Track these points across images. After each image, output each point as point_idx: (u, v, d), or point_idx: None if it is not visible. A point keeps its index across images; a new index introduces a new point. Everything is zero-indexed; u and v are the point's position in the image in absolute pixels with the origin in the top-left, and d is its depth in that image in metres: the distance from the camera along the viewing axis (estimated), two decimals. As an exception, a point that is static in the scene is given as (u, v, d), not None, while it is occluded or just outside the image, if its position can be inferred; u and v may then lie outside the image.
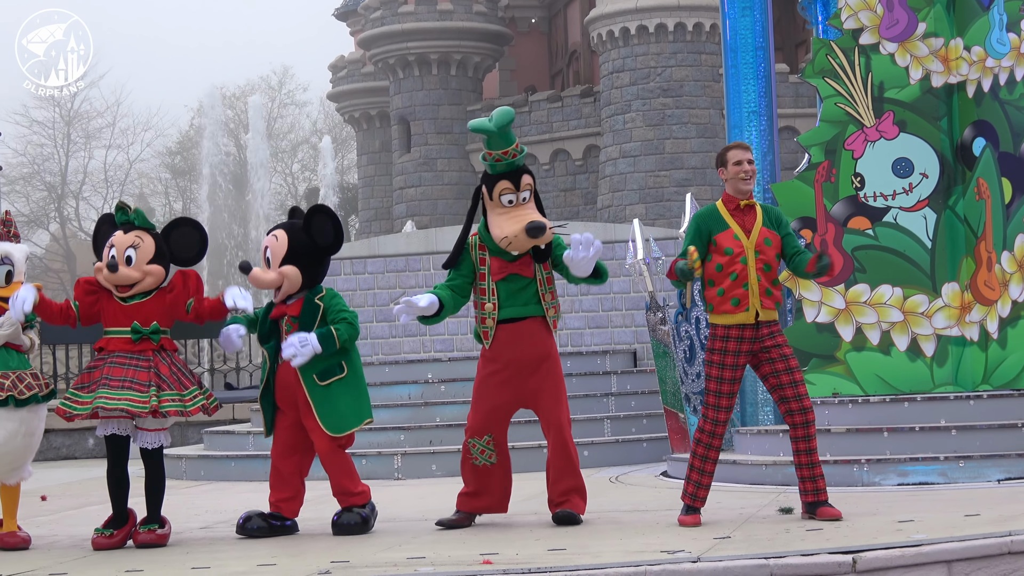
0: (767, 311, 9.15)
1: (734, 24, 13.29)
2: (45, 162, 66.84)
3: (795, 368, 9.20)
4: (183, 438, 19.96)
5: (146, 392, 9.13)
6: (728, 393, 9.20)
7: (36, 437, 9.54)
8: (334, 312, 9.45)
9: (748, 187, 9.22)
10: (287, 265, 9.44)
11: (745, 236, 9.14)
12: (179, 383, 9.29)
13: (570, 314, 18.22)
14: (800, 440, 9.21)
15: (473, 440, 9.55)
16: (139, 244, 9.35)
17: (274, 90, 70.58)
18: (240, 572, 7.98)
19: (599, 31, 43.91)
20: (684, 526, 9.04)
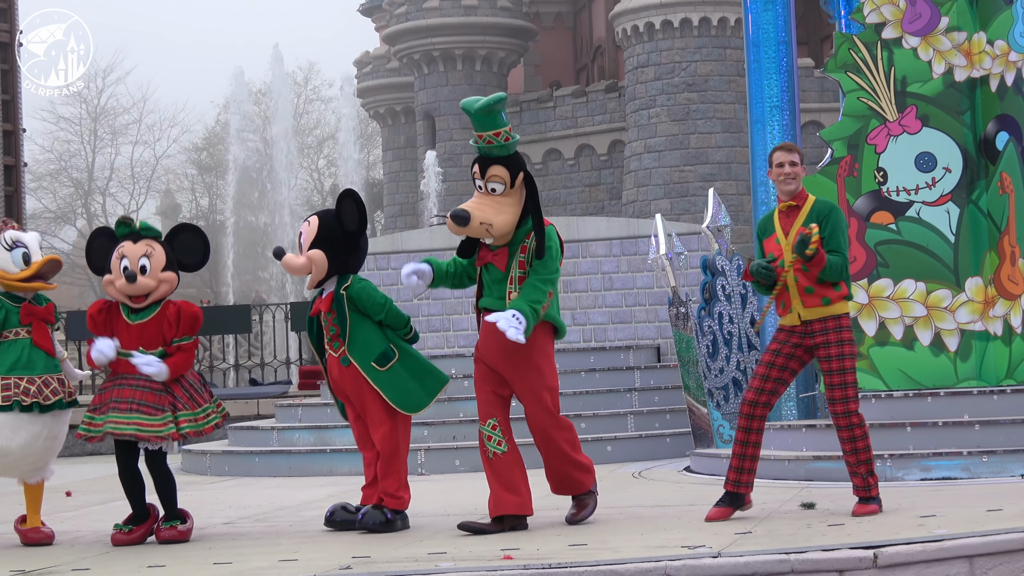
0: (810, 310, 9.14)
1: (756, 18, 13.27)
2: (72, 158, 67.00)
3: (835, 371, 9.14)
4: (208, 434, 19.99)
5: (159, 416, 9.15)
6: (762, 375, 9.23)
7: (59, 440, 9.61)
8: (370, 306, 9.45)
9: (789, 188, 9.23)
10: (314, 250, 9.44)
11: (784, 238, 9.16)
12: (193, 401, 9.32)
13: (593, 309, 18.23)
14: (842, 441, 9.23)
15: (482, 427, 9.27)
16: (151, 252, 9.37)
17: (300, 86, 70.63)
18: (262, 567, 8.01)
19: (624, 26, 43.88)
20: (709, 520, 9.05)
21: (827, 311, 9.14)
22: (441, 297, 18.58)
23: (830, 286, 9.15)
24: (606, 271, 18.33)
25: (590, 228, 18.84)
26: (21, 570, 8.26)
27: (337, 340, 9.49)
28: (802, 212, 9.19)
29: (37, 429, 9.37)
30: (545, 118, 47.10)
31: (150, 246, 9.39)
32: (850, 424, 9.16)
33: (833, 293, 9.14)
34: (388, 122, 54.79)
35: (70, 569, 8.26)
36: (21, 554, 9.06)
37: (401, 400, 9.42)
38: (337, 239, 9.47)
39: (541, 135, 46.85)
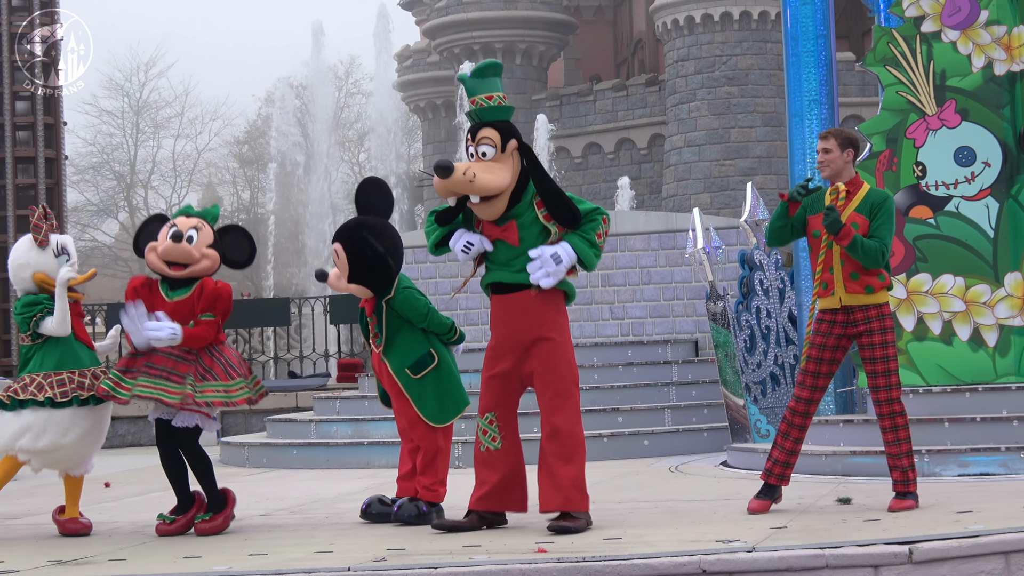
0: (852, 295, 9.12)
1: (795, 12, 13.23)
2: (114, 151, 67.26)
3: (879, 359, 9.13)
4: (247, 426, 20.09)
5: (182, 383, 9.20)
6: (812, 372, 9.20)
7: (103, 434, 9.68)
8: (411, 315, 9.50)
9: (824, 174, 9.26)
10: (354, 284, 9.50)
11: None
12: (225, 374, 9.36)
13: (631, 303, 18.21)
14: (884, 432, 9.22)
15: (479, 420, 8.91)
16: (201, 228, 9.43)
17: (341, 80, 70.74)
18: (297, 559, 8.03)
19: (664, 20, 43.78)
20: (752, 512, 9.04)
21: (869, 299, 9.13)
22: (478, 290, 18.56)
23: (874, 275, 9.12)
24: (644, 265, 18.31)
25: (628, 222, 18.82)
26: (58, 560, 8.30)
27: (378, 337, 9.56)
28: (855, 199, 9.17)
29: (88, 424, 9.45)
30: (585, 112, 47.03)
31: (202, 223, 9.46)
32: (892, 413, 9.15)
33: (876, 282, 9.12)
34: (428, 116, 54.81)
35: (107, 559, 8.30)
36: (59, 544, 9.11)
37: (428, 411, 9.46)
38: (364, 267, 9.40)
39: (581, 129, 46.79)
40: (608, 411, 14.94)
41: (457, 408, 9.56)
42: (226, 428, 19.97)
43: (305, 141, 68.58)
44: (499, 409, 8.87)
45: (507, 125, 8.83)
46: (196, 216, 9.52)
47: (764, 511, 9.13)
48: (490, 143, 8.70)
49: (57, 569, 7.98)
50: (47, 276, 9.52)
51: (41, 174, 19.17)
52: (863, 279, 9.12)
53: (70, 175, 59.39)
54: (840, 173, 9.23)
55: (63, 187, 19.62)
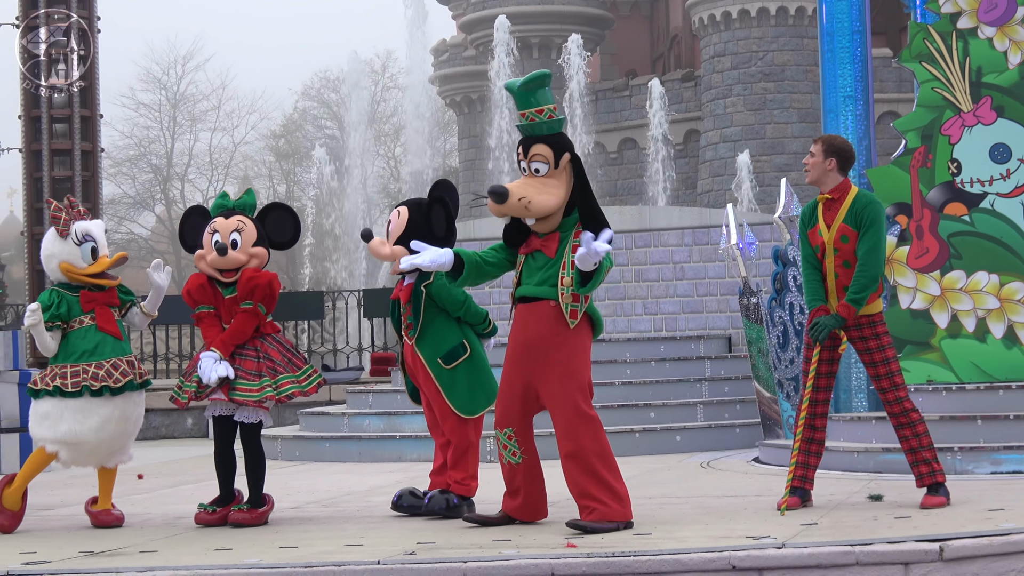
0: None
1: (830, 7, 13.18)
2: (151, 144, 67.52)
3: (879, 363, 9.13)
4: (280, 419, 20.14)
5: (255, 381, 9.28)
6: (814, 385, 9.24)
7: (133, 422, 9.67)
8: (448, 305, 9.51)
9: (807, 178, 9.32)
10: (399, 246, 9.48)
11: (827, 231, 9.15)
12: (292, 364, 9.43)
13: (664, 299, 18.20)
14: (898, 430, 9.23)
15: (498, 434, 8.84)
16: (242, 228, 9.46)
17: (377, 74, 70.83)
18: (327, 551, 8.05)
19: (700, 15, 43.74)
20: (787, 507, 9.04)
21: (863, 310, 9.13)
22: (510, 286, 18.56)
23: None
24: (678, 260, 18.30)
25: (662, 217, 18.81)
26: (90, 551, 8.35)
27: (412, 328, 9.56)
28: (843, 206, 9.16)
29: (108, 411, 9.46)
30: (621, 107, 47.01)
31: (242, 221, 9.48)
32: (904, 411, 9.15)
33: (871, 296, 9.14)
34: (464, 110, 54.85)
35: (138, 551, 8.34)
36: (91, 535, 9.16)
37: (458, 402, 9.46)
38: (423, 239, 9.23)
39: (617, 124, 46.76)
40: (640, 406, 14.93)
41: (488, 400, 9.56)
42: (259, 421, 20.01)
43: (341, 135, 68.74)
44: (516, 424, 8.78)
45: (559, 139, 8.66)
46: (234, 211, 9.53)
47: (797, 507, 9.12)
48: (543, 160, 8.57)
49: (88, 560, 8.02)
50: (71, 265, 9.56)
51: (77, 167, 19.23)
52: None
53: (107, 168, 59.64)
54: (822, 180, 9.24)
55: (99, 180, 19.67)
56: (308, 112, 71.05)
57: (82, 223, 9.63)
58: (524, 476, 8.82)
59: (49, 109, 19.32)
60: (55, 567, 7.78)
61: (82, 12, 19.46)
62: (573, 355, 8.58)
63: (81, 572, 7.65)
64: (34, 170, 19.37)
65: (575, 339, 8.58)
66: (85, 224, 9.64)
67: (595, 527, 8.38)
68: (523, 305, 8.72)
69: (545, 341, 8.57)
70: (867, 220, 9.06)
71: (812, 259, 9.28)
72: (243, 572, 7.50)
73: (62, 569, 7.72)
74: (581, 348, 8.61)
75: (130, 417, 9.64)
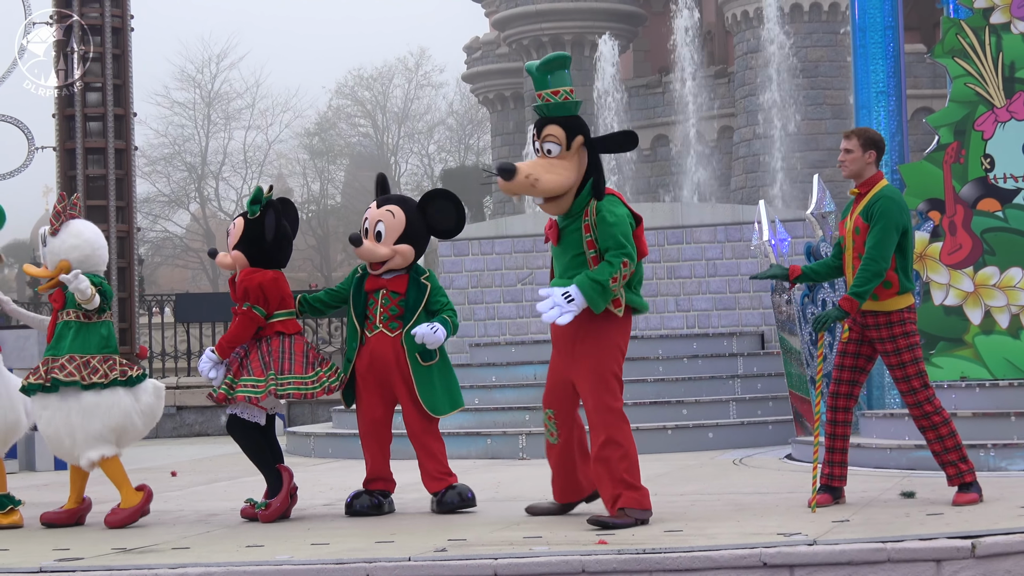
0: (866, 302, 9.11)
1: (863, 3, 13.14)
2: (186, 143, 67.77)
3: (895, 366, 9.12)
4: (313, 416, 20.18)
5: (260, 377, 9.36)
6: (836, 379, 9.22)
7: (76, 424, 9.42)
8: (438, 299, 9.50)
9: (844, 172, 9.27)
10: (404, 245, 9.48)
11: (849, 217, 9.18)
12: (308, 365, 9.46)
13: (697, 295, 18.17)
14: (922, 432, 9.22)
15: (543, 411, 9.06)
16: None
17: (411, 72, 70.93)
18: (358, 548, 8.06)
19: (734, 11, 43.63)
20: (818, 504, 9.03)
21: (878, 306, 9.10)
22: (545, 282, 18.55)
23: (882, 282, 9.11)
24: (710, 257, 18.27)
25: (695, 214, 18.78)
26: (123, 548, 8.38)
27: (396, 321, 9.49)
28: (865, 199, 9.14)
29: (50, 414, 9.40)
30: (654, 104, 46.91)
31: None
32: (925, 414, 9.10)
33: (882, 290, 9.05)
34: (497, 108, 54.83)
35: (171, 547, 8.37)
36: (123, 532, 9.19)
37: (427, 399, 9.45)
38: (422, 236, 9.54)
39: (650, 121, 46.67)
40: (673, 403, 14.91)
41: (452, 405, 9.57)
42: (292, 418, 20.07)
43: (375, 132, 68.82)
44: (556, 406, 8.95)
45: (573, 121, 8.65)
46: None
47: (829, 504, 9.10)
48: (555, 140, 8.57)
49: (121, 557, 8.05)
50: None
51: (111, 165, 19.29)
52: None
53: (142, 166, 59.81)
54: (860, 173, 9.21)
55: (133, 178, 19.74)
56: (342, 110, 71.19)
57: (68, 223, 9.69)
58: (557, 458, 9.03)
59: (83, 107, 19.39)
60: (88, 563, 7.81)
61: (115, 11, 19.53)
62: (599, 346, 8.59)
63: (114, 569, 7.67)
64: (68, 168, 19.44)
65: (602, 330, 8.59)
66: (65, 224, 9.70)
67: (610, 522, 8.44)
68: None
69: (572, 332, 8.62)
70: (876, 214, 9.01)
71: (836, 248, 9.36)
72: (274, 569, 7.52)
73: (95, 566, 7.75)
74: (608, 339, 8.62)
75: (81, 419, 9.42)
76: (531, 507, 9.29)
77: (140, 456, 16.15)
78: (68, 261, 9.52)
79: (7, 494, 9.77)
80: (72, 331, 9.44)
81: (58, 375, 9.32)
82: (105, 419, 9.38)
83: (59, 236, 9.59)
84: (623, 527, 8.40)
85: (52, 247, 9.56)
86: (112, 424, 9.40)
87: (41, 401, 9.43)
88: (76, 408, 9.38)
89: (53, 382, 9.32)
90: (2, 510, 9.71)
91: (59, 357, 9.40)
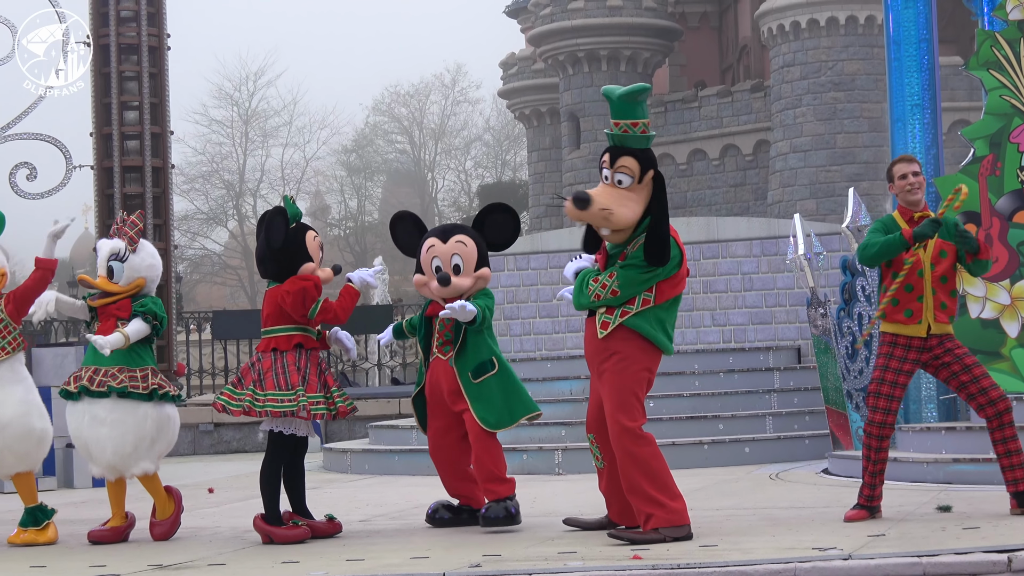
0: (940, 324, 9.15)
1: (897, 16, 13.11)
2: (224, 160, 68.00)
3: (972, 365, 9.15)
4: (350, 432, 20.21)
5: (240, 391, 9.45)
6: (887, 395, 9.22)
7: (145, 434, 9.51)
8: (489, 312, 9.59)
9: (915, 198, 9.34)
10: (484, 268, 9.56)
11: (922, 248, 9.13)
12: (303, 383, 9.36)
13: (733, 310, 18.14)
14: (994, 431, 9.20)
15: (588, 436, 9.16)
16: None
17: (447, 88, 71.06)
18: (394, 564, 8.09)
19: (769, 25, 43.57)
20: (848, 520, 9.01)
21: (949, 328, 9.22)
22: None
23: (955, 302, 9.25)
24: (746, 271, 18.24)
25: (730, 228, 18.75)
26: (159, 564, 8.41)
27: (449, 345, 9.55)
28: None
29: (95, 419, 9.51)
30: (690, 118, 46.87)
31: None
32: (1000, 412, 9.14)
33: (955, 310, 9.28)
34: (533, 123, 54.86)
35: (206, 564, 8.40)
36: (160, 548, 9.23)
37: (483, 414, 9.44)
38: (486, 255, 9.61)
39: (686, 135, 46.64)
40: (709, 418, 14.89)
41: (513, 416, 9.54)
42: (330, 435, 20.11)
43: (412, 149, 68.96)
44: (595, 430, 8.98)
45: (647, 154, 8.74)
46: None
47: (863, 519, 9.08)
48: (628, 172, 8.63)
49: (157, 573, 8.09)
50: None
51: (148, 183, 19.41)
52: (950, 308, 9.23)
53: (180, 184, 60.08)
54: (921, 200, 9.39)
55: (170, 196, 19.85)
56: (379, 127, 71.34)
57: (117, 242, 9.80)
58: (606, 482, 9.06)
59: (120, 126, 19.51)
60: (124, 580, 7.86)
61: (152, 30, 19.65)
62: (620, 366, 8.63)
63: (149, 585, 7.71)
64: (106, 187, 19.56)
65: (623, 349, 8.63)
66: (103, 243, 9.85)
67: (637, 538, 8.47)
68: (589, 319, 8.87)
69: (596, 353, 8.73)
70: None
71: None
72: (309, 585, 7.55)
73: (131, 582, 7.80)
74: (636, 361, 8.65)
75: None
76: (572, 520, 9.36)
77: (178, 472, 16.21)
78: (144, 279, 9.68)
79: (40, 505, 9.81)
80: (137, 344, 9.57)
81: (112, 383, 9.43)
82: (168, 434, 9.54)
83: (139, 254, 9.72)
84: (652, 543, 8.37)
85: (132, 264, 9.68)
86: (170, 438, 9.57)
87: (86, 408, 9.47)
88: (134, 418, 9.47)
89: (110, 389, 9.40)
90: (37, 525, 9.74)
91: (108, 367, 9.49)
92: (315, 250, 9.50)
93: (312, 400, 9.28)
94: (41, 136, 18.93)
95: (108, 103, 19.68)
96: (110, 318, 9.58)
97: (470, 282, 9.54)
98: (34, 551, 9.37)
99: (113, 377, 9.43)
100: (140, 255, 9.73)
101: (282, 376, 9.27)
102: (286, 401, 9.23)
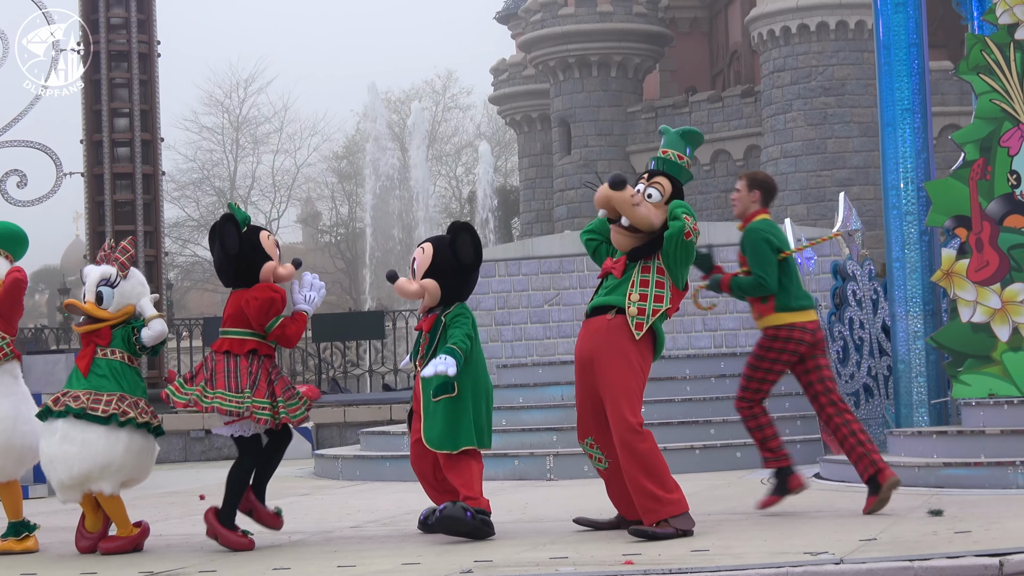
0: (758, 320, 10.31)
1: (887, 21, 13.12)
2: (214, 167, 67.95)
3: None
4: (341, 438, 20.20)
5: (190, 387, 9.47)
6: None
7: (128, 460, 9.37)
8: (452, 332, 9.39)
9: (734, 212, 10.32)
10: (428, 279, 9.49)
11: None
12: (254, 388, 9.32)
13: (724, 315, 18.15)
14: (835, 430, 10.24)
15: (581, 444, 9.41)
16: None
17: (438, 94, 71.08)
18: (385, 570, 8.07)
19: (760, 30, 43.63)
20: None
21: (762, 323, 10.19)
22: (570, 303, 18.56)
23: (757, 301, 10.13)
24: (737, 276, 18.21)
25: (721, 233, 18.74)
26: (150, 571, 8.40)
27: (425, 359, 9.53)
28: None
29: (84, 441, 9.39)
30: (681, 123, 46.93)
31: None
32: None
33: (760, 307, 10.13)
34: (524, 129, 54.92)
35: (197, 571, 8.39)
36: (150, 556, 9.21)
37: (428, 432, 9.36)
38: (450, 269, 9.50)
39: (677, 141, 46.69)
40: (700, 423, 14.88)
41: (455, 443, 9.31)
42: (321, 441, 20.11)
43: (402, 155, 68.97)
44: (594, 432, 9.26)
45: (679, 185, 9.38)
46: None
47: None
48: (660, 189, 9.23)
49: (148, 580, 8.08)
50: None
51: (139, 190, 19.41)
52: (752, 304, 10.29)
53: (171, 191, 60.06)
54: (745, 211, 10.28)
55: (160, 203, 19.86)
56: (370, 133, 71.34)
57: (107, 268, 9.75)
58: (612, 481, 9.29)
59: (111, 133, 19.52)
60: (115, 587, 7.84)
61: (142, 37, 19.66)
62: (623, 362, 8.95)
63: (140, 592, 7.70)
64: (96, 194, 19.56)
65: (628, 347, 8.97)
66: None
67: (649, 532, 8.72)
68: (586, 321, 9.20)
69: (599, 351, 9.00)
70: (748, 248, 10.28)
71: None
72: (300, 591, 7.53)
73: (122, 589, 7.78)
74: (630, 356, 8.99)
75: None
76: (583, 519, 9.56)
77: (169, 479, 16.20)
78: (134, 306, 9.64)
79: (23, 520, 9.79)
80: (116, 370, 9.48)
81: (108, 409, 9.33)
82: (148, 461, 9.48)
83: (129, 280, 9.69)
84: (666, 538, 8.64)
85: (123, 290, 9.62)
86: (151, 466, 9.51)
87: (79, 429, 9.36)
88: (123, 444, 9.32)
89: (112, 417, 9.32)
90: (17, 536, 9.73)
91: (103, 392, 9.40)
92: (271, 248, 9.51)
93: (257, 404, 9.26)
94: (31, 143, 18.91)
95: (99, 110, 19.69)
96: (91, 344, 9.55)
97: (415, 288, 9.51)
98: (25, 559, 9.35)
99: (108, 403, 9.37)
100: (131, 282, 9.70)
101: (233, 378, 9.27)
102: (233, 402, 9.22)
